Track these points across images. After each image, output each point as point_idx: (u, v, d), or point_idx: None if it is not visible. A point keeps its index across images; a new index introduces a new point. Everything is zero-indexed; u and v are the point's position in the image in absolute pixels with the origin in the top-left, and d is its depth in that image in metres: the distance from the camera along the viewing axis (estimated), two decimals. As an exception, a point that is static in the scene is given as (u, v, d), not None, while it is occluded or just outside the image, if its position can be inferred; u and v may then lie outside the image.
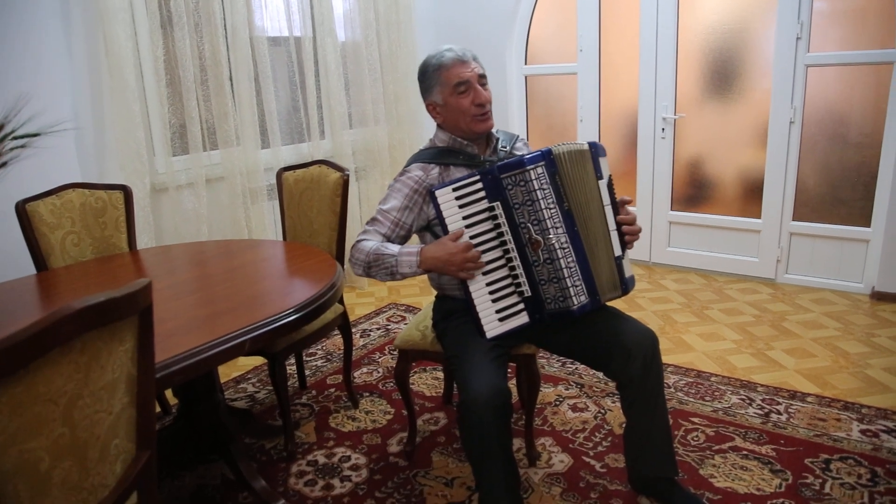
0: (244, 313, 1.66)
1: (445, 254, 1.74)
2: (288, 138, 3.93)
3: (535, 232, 1.74)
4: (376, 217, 1.90)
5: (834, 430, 2.32)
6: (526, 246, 1.75)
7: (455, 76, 1.86)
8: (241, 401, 2.75)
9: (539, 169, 1.72)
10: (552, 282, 1.76)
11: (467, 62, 1.88)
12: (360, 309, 3.80)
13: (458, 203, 1.75)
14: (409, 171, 1.92)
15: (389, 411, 2.60)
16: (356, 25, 4.12)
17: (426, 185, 1.88)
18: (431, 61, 1.92)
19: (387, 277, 1.82)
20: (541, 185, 1.72)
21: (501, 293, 1.80)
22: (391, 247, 1.82)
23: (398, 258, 1.78)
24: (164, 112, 3.16)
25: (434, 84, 1.91)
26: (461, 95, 1.86)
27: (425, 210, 1.90)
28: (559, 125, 4.58)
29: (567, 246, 1.75)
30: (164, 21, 3.12)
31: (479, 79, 1.89)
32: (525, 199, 1.73)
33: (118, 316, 1.05)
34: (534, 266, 1.76)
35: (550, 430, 2.39)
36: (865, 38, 3.44)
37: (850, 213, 3.66)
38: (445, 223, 1.76)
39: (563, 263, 1.74)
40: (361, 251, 1.83)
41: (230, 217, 3.48)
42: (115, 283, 2.06)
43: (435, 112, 1.95)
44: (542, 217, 1.73)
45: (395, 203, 1.89)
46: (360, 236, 1.88)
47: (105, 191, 2.54)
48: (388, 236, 1.87)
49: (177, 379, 1.39)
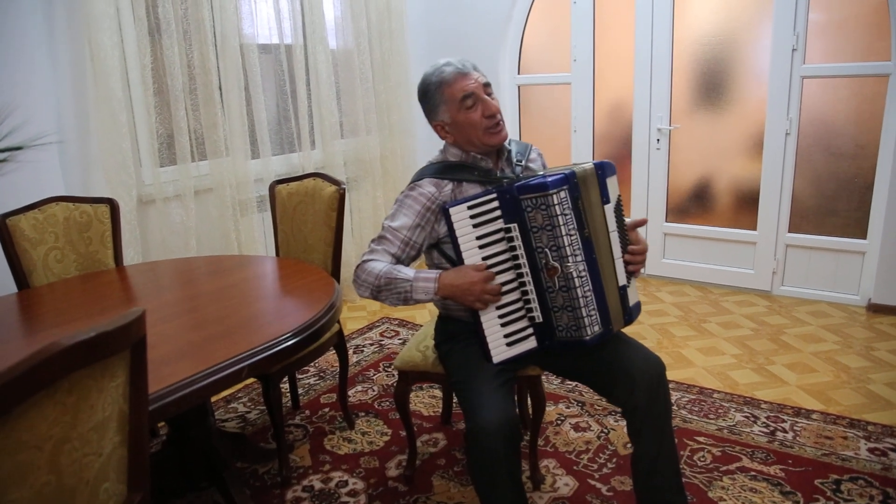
0: (240, 337, 1.57)
1: (466, 282, 1.65)
2: (278, 148, 3.85)
3: (553, 258, 1.64)
4: (384, 235, 1.78)
5: (842, 449, 2.27)
6: (541, 271, 1.66)
7: (459, 90, 1.76)
8: (232, 421, 2.65)
9: (562, 193, 1.61)
10: (566, 310, 1.67)
11: (469, 73, 1.79)
12: (352, 323, 3.71)
13: (473, 222, 1.66)
14: (420, 187, 1.80)
15: (386, 432, 2.52)
16: (348, 33, 4.05)
17: (439, 202, 1.78)
18: (431, 79, 1.80)
19: (398, 302, 1.72)
20: (563, 209, 1.61)
21: (511, 317, 1.71)
22: (405, 270, 1.71)
23: (413, 284, 1.68)
24: (152, 122, 3.06)
25: (438, 103, 1.80)
26: (469, 110, 1.76)
27: (436, 228, 1.80)
28: (553, 135, 4.53)
29: (585, 274, 1.65)
30: (151, 28, 3.03)
31: (485, 88, 1.80)
32: (545, 223, 1.62)
33: (110, 351, 0.97)
34: (548, 292, 1.68)
35: (553, 452, 2.32)
36: (860, 50, 3.43)
37: (846, 225, 3.65)
38: (458, 242, 1.67)
39: (580, 293, 1.65)
40: (370, 273, 1.72)
41: (219, 230, 3.39)
42: (100, 303, 1.97)
43: (444, 132, 1.83)
44: (562, 244, 1.62)
45: (406, 221, 1.78)
46: (368, 256, 1.77)
47: (90, 204, 2.44)
48: (397, 257, 1.77)
49: (171, 411, 1.30)
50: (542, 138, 4.61)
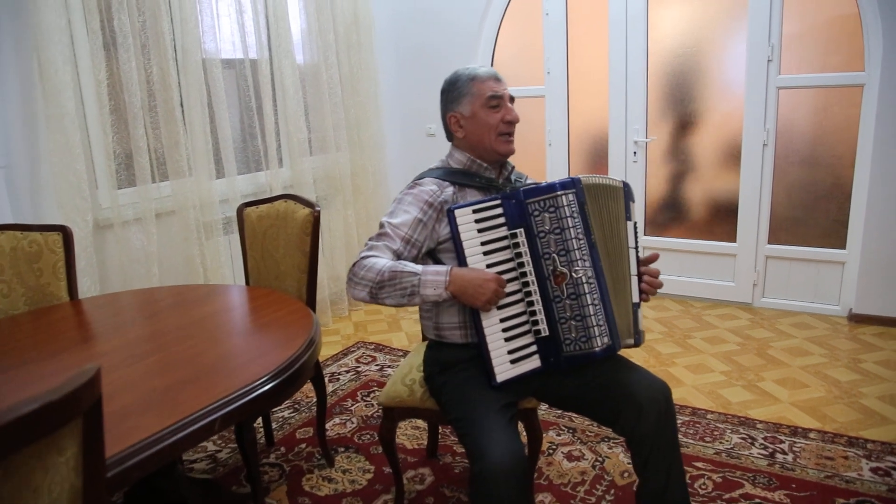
0: (211, 383, 1.41)
1: (479, 279, 1.55)
2: (244, 167, 3.67)
3: (562, 263, 1.58)
4: (385, 231, 1.66)
5: (844, 470, 2.20)
6: (548, 279, 1.59)
7: (489, 89, 1.75)
8: (201, 461, 2.46)
9: (570, 195, 1.60)
10: (574, 319, 1.59)
11: (501, 81, 1.80)
12: (326, 349, 3.54)
13: (478, 227, 1.59)
14: (421, 185, 1.73)
15: (369, 469, 2.36)
16: (315, 47, 3.90)
17: (441, 200, 1.69)
18: (463, 72, 1.80)
19: (401, 300, 1.57)
20: (571, 212, 1.59)
21: (515, 332, 1.62)
22: (411, 265, 1.59)
23: (422, 277, 1.55)
24: (108, 141, 2.86)
25: (464, 94, 1.77)
26: (492, 110, 1.75)
27: (437, 229, 1.69)
28: (527, 150, 4.44)
29: (593, 281, 1.60)
30: (107, 42, 2.84)
31: (510, 100, 1.79)
32: (553, 226, 1.58)
33: (57, 424, 0.81)
34: (555, 302, 1.60)
35: (548, 485, 2.20)
36: (835, 61, 3.42)
37: (825, 235, 3.63)
38: (463, 247, 1.58)
39: (589, 300, 1.59)
40: (371, 269, 1.58)
41: (183, 255, 3.20)
42: (53, 343, 1.78)
43: (457, 125, 1.79)
44: (572, 247, 1.58)
45: (407, 217, 1.66)
46: (367, 252, 1.63)
47: (40, 233, 2.24)
48: (399, 254, 1.65)
49: (135, 475, 1.14)
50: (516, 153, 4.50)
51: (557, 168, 4.29)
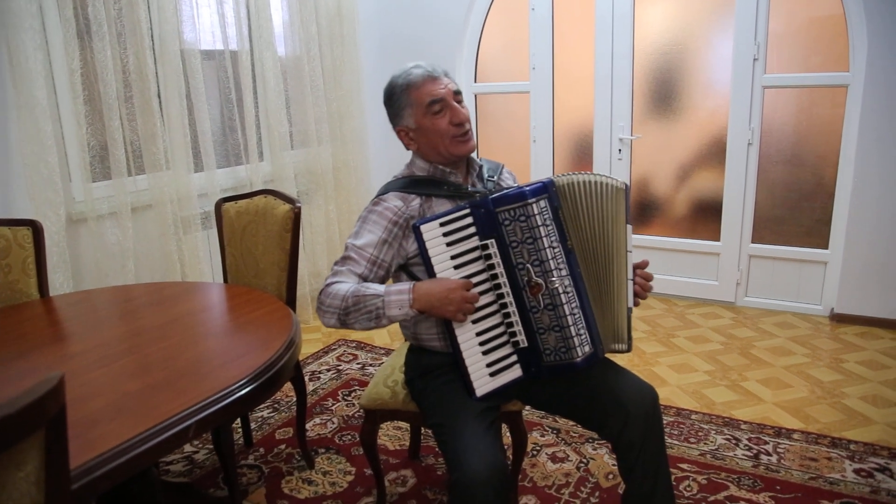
0: (186, 386, 1.36)
1: (444, 290, 1.49)
2: (223, 161, 3.59)
3: (536, 274, 1.52)
4: (349, 255, 1.61)
5: (828, 472, 2.19)
6: (523, 289, 1.53)
7: (427, 94, 1.64)
8: (178, 463, 2.39)
9: (542, 202, 1.51)
10: (553, 330, 1.54)
11: (438, 78, 1.68)
12: (307, 347, 3.48)
13: (447, 240, 1.52)
14: (385, 201, 1.65)
15: (349, 470, 2.31)
16: (297, 39, 3.83)
17: (406, 216, 1.62)
18: (398, 81, 1.69)
19: (369, 324, 1.53)
20: (543, 220, 1.51)
21: (493, 344, 1.57)
22: (374, 286, 1.54)
23: (385, 298, 1.50)
24: (82, 133, 2.77)
25: (404, 106, 1.68)
26: (436, 116, 1.64)
27: (405, 246, 1.64)
28: (511, 146, 4.41)
29: (571, 290, 1.54)
30: (80, 30, 2.75)
31: (455, 96, 1.68)
32: (525, 236, 1.51)
33: (15, 438, 0.76)
34: (531, 312, 1.54)
35: (532, 487, 2.16)
36: (820, 61, 3.43)
37: (808, 235, 3.63)
38: (431, 263, 1.52)
39: (567, 310, 1.53)
40: (335, 296, 1.53)
41: (160, 250, 3.11)
42: (20, 343, 1.71)
43: (408, 138, 1.71)
44: (545, 257, 1.51)
45: (372, 237, 1.61)
46: (332, 279, 1.58)
47: (9, 227, 2.16)
48: (364, 277, 1.59)
49: (102, 486, 1.08)
50: (500, 148, 4.48)
51: (542, 165, 4.26)
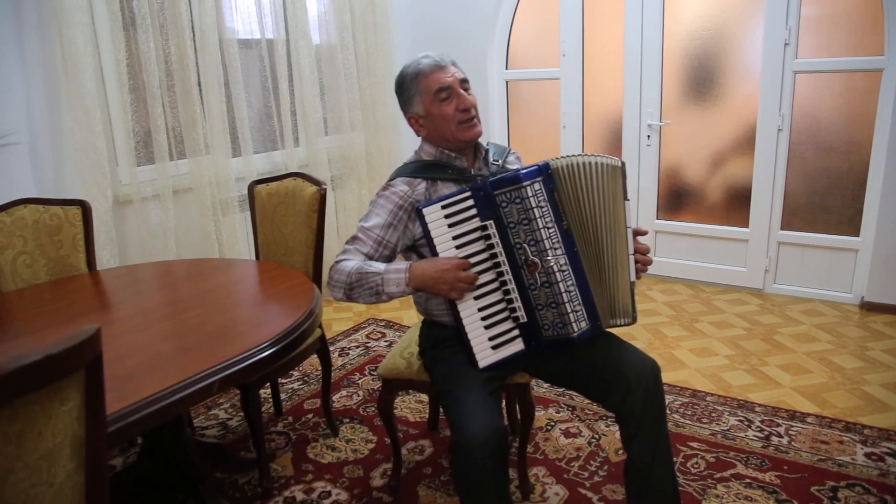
0: (214, 348, 1.49)
1: (437, 270, 1.60)
2: (260, 146, 3.75)
3: (533, 253, 1.61)
4: (357, 235, 1.75)
5: (838, 454, 2.22)
6: (522, 268, 1.62)
7: (435, 82, 1.75)
8: (213, 429, 2.57)
9: (536, 185, 1.59)
10: (550, 307, 1.63)
11: (446, 67, 1.78)
12: (338, 325, 3.63)
13: (448, 222, 1.62)
14: (392, 186, 1.78)
15: (371, 439, 2.44)
16: (331, 28, 3.95)
17: (412, 200, 1.75)
18: (408, 70, 1.80)
19: (371, 299, 1.66)
20: (538, 202, 1.59)
21: (494, 319, 1.66)
22: (375, 265, 1.67)
23: (384, 276, 1.64)
24: (128, 120, 2.96)
25: (413, 94, 1.79)
26: (444, 102, 1.75)
27: (411, 228, 1.76)
28: (542, 132, 4.46)
29: (567, 268, 1.62)
30: (126, 22, 2.92)
31: (461, 83, 1.78)
32: (521, 217, 1.60)
33: (59, 375, 0.89)
34: (530, 290, 1.63)
35: (543, 459, 2.26)
36: (852, 45, 3.37)
37: (838, 222, 3.60)
38: (434, 243, 1.63)
39: (563, 287, 1.61)
40: (342, 272, 1.67)
41: (200, 231, 3.29)
42: (71, 309, 1.88)
43: (418, 125, 1.82)
44: (540, 237, 1.60)
45: (378, 220, 1.74)
46: (340, 256, 1.73)
47: (61, 206, 2.35)
48: (370, 256, 1.73)
49: (134, 430, 1.22)
50: (530, 134, 4.54)
51: (572, 151, 4.29)
